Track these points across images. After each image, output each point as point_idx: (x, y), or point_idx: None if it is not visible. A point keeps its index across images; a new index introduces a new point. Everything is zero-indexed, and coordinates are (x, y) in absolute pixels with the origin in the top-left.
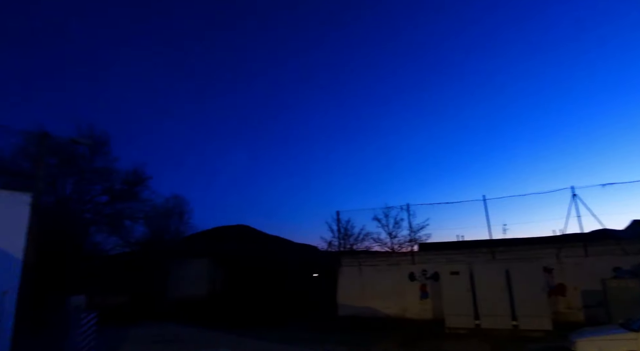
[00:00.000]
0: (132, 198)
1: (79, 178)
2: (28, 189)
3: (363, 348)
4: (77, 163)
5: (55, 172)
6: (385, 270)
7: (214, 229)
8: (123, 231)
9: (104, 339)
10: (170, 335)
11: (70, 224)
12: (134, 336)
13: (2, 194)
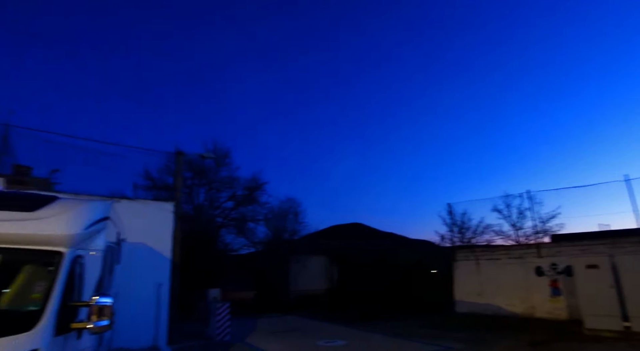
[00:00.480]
0: (253, 202)
1: (209, 187)
2: (171, 200)
3: (484, 347)
4: (206, 175)
5: (190, 184)
6: (507, 264)
7: (330, 228)
8: (248, 232)
9: (236, 328)
10: (291, 326)
11: (205, 227)
12: (260, 326)
13: (153, 204)
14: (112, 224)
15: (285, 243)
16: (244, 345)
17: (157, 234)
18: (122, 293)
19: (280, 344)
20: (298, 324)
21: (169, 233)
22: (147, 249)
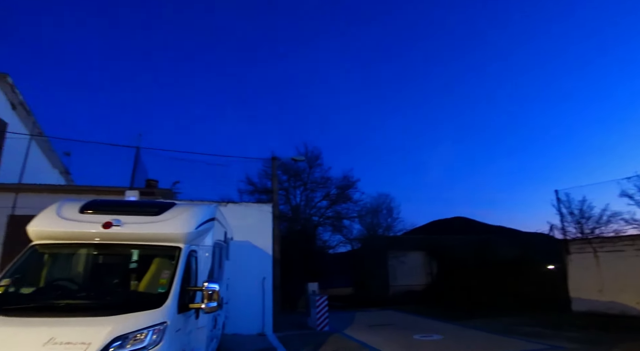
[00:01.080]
0: (346, 200)
1: (304, 188)
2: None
3: (601, 348)
4: (301, 177)
5: (287, 186)
6: (635, 257)
7: (431, 223)
8: (343, 229)
9: (334, 319)
10: (388, 320)
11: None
12: (357, 319)
13: (254, 207)
14: (218, 225)
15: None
16: (342, 335)
17: (259, 233)
18: (232, 286)
19: (377, 336)
20: (395, 318)
21: (269, 231)
22: (252, 247)
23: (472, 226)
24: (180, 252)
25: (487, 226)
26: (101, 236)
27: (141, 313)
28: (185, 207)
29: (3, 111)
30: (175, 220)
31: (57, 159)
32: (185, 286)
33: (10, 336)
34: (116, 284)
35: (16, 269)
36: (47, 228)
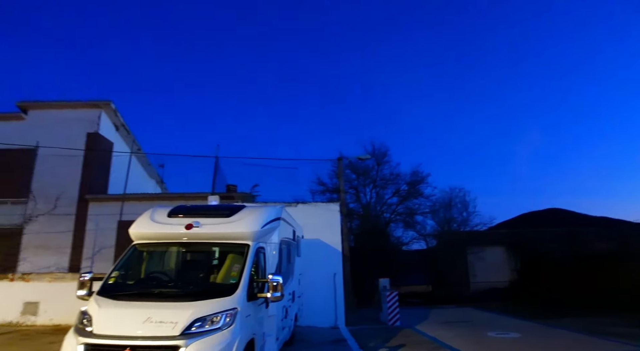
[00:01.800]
0: (417, 195)
1: (373, 185)
2: (337, 201)
3: None
4: (370, 174)
5: (356, 185)
6: None
7: (521, 216)
8: (416, 225)
9: (408, 316)
10: (464, 317)
11: (373, 224)
12: (432, 316)
13: (322, 206)
14: (285, 224)
15: (460, 234)
16: (414, 330)
17: (329, 231)
18: (304, 281)
19: (449, 332)
20: (472, 315)
21: (337, 229)
22: (322, 244)
23: (567, 218)
24: (248, 248)
25: (584, 217)
26: (184, 236)
27: (217, 300)
28: (252, 209)
29: (108, 132)
30: (244, 221)
31: (153, 171)
32: (253, 278)
33: (119, 315)
34: (197, 276)
35: (122, 265)
36: (143, 230)
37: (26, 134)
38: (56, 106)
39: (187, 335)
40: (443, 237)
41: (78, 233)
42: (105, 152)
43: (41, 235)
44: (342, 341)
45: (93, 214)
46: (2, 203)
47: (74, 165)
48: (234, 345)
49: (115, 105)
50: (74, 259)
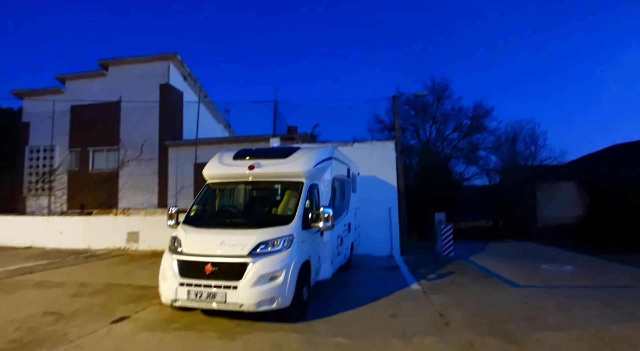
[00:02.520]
0: (480, 130)
1: (433, 121)
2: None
3: None
4: (429, 110)
5: (415, 121)
6: None
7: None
8: (479, 161)
9: (464, 249)
10: (521, 251)
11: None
12: (489, 249)
13: (378, 144)
14: (337, 163)
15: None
16: (465, 260)
17: (384, 168)
18: (362, 215)
19: (501, 264)
20: (531, 249)
21: (393, 166)
22: (377, 180)
23: None
24: (302, 185)
25: None
26: (248, 176)
27: (277, 228)
28: (306, 150)
29: (178, 82)
30: (298, 161)
31: (220, 116)
32: (307, 210)
33: (201, 239)
34: (261, 209)
35: (199, 200)
36: (213, 171)
37: (110, 89)
38: (131, 62)
39: (254, 254)
40: (509, 172)
41: (162, 174)
42: (177, 102)
43: (133, 177)
44: (395, 268)
45: (172, 158)
46: (99, 151)
47: (152, 115)
48: (291, 264)
49: (181, 56)
50: (161, 197)
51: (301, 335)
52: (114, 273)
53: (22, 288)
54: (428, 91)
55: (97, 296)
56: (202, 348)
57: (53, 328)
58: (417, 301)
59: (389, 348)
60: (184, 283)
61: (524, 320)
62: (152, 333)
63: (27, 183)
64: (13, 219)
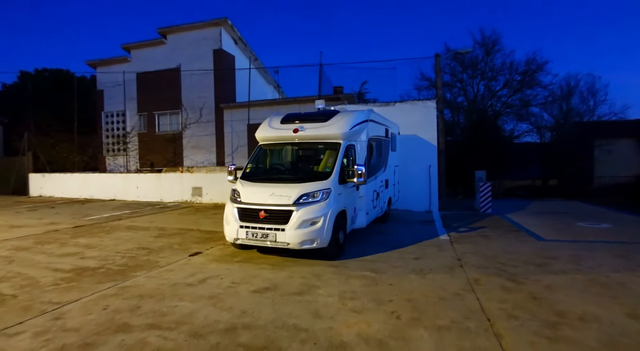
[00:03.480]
0: (532, 85)
1: (481, 77)
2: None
3: None
4: (477, 66)
5: (461, 77)
6: None
7: None
8: (531, 117)
9: (505, 206)
10: (563, 209)
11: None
12: (531, 207)
13: (419, 103)
14: (373, 125)
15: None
16: (502, 217)
17: (425, 127)
18: (402, 172)
19: (536, 221)
20: (575, 208)
21: (433, 125)
22: (418, 139)
23: None
24: (340, 145)
25: None
26: (293, 138)
27: (317, 182)
28: (344, 114)
29: (229, 47)
30: (336, 124)
31: (270, 77)
32: (344, 168)
33: (255, 191)
34: (304, 166)
35: (253, 159)
36: (263, 134)
37: (169, 56)
38: (186, 29)
39: (297, 204)
40: (564, 128)
41: (219, 135)
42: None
43: (194, 138)
44: (430, 222)
45: (227, 120)
46: (163, 114)
47: (208, 79)
48: (328, 212)
49: (231, 21)
50: (218, 155)
51: (336, 269)
52: (184, 221)
53: (117, 230)
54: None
55: (175, 238)
56: (258, 274)
57: (147, 258)
58: (442, 248)
59: (405, 280)
60: (243, 226)
61: (533, 265)
62: (220, 263)
63: (105, 144)
64: (99, 176)
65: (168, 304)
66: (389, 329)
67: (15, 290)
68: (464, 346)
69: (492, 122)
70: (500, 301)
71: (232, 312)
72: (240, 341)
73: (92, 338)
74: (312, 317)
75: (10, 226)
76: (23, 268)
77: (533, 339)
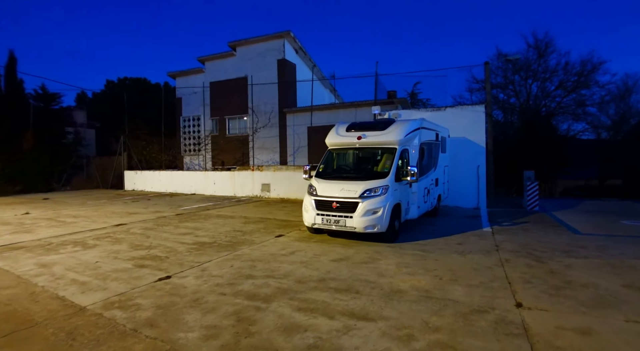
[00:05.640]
0: (588, 85)
1: (534, 78)
2: (483, 102)
3: None
4: (530, 68)
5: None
6: None
7: None
8: (588, 117)
9: (554, 204)
10: (614, 209)
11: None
12: (581, 206)
13: (469, 108)
14: (425, 131)
15: None
16: (547, 214)
17: (474, 130)
18: (452, 172)
19: (582, 218)
20: (627, 207)
21: (482, 128)
22: (467, 141)
23: None
24: (396, 150)
25: None
26: (357, 144)
27: (377, 180)
28: (399, 123)
29: (291, 56)
30: (393, 132)
31: (327, 82)
32: (399, 168)
33: (328, 186)
34: (366, 166)
35: (324, 161)
36: (332, 140)
37: (238, 66)
38: (253, 41)
39: (362, 197)
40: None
41: (282, 137)
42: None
43: (260, 140)
44: (477, 217)
45: (290, 123)
46: (232, 118)
47: (273, 86)
48: (387, 204)
49: (293, 33)
50: (282, 155)
51: (392, 248)
52: (261, 212)
53: (211, 218)
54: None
55: (259, 224)
56: (332, 250)
57: (244, 238)
58: (483, 238)
59: (448, 258)
60: (319, 213)
61: (559, 251)
62: (301, 243)
63: (182, 145)
64: (182, 173)
65: (273, 266)
66: (433, 284)
67: (165, 254)
68: (486, 295)
69: (546, 122)
70: (521, 273)
71: (320, 271)
72: (330, 286)
73: (232, 280)
74: (377, 276)
75: (128, 213)
76: (160, 241)
77: (539, 294)
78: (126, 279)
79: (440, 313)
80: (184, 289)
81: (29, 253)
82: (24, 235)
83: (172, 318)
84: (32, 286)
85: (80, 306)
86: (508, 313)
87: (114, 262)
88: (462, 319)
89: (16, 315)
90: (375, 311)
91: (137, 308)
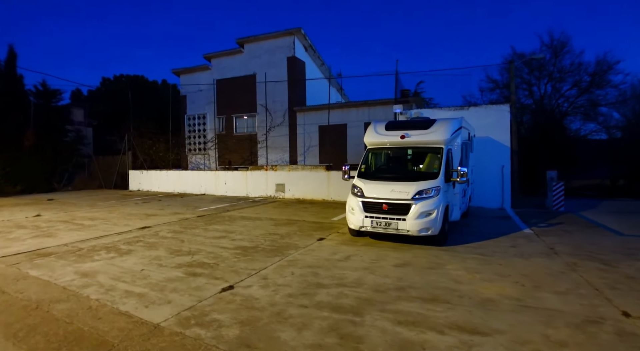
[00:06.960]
0: (603, 86)
1: (549, 78)
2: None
3: None
4: (545, 68)
5: (528, 79)
6: None
7: None
8: (599, 117)
9: (575, 205)
10: (635, 209)
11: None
12: (602, 206)
13: (493, 107)
14: (464, 130)
15: None
16: (575, 214)
17: (498, 129)
18: (476, 171)
19: (611, 218)
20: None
21: (506, 127)
22: (492, 141)
23: None
24: (442, 150)
25: None
26: (401, 143)
27: (428, 181)
28: (442, 122)
29: (300, 54)
30: (439, 131)
31: (334, 81)
32: (447, 168)
33: (376, 187)
34: (411, 166)
35: (364, 161)
36: (371, 139)
37: (246, 64)
38: (262, 38)
39: (415, 199)
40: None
41: (292, 136)
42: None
43: (269, 139)
44: (508, 218)
45: (300, 122)
46: (240, 117)
47: (282, 84)
48: (440, 206)
49: (304, 31)
50: (291, 155)
51: (447, 252)
52: (285, 212)
53: (237, 220)
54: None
55: (290, 226)
56: (387, 254)
57: (285, 241)
58: (531, 240)
59: (512, 262)
60: (367, 216)
61: (620, 254)
62: (348, 246)
63: (187, 144)
64: (190, 173)
65: (336, 272)
66: (520, 292)
67: (211, 260)
68: (583, 303)
69: (559, 122)
70: (600, 278)
71: (391, 278)
72: (413, 295)
73: (303, 290)
74: (455, 283)
75: (146, 215)
76: (198, 246)
77: (635, 301)
78: (186, 290)
79: (551, 324)
80: (257, 300)
81: (62, 260)
82: (47, 240)
83: (265, 336)
84: (85, 299)
85: (153, 324)
86: (623, 324)
87: (161, 270)
88: (580, 331)
89: (83, 335)
90: (480, 323)
91: (219, 325)
